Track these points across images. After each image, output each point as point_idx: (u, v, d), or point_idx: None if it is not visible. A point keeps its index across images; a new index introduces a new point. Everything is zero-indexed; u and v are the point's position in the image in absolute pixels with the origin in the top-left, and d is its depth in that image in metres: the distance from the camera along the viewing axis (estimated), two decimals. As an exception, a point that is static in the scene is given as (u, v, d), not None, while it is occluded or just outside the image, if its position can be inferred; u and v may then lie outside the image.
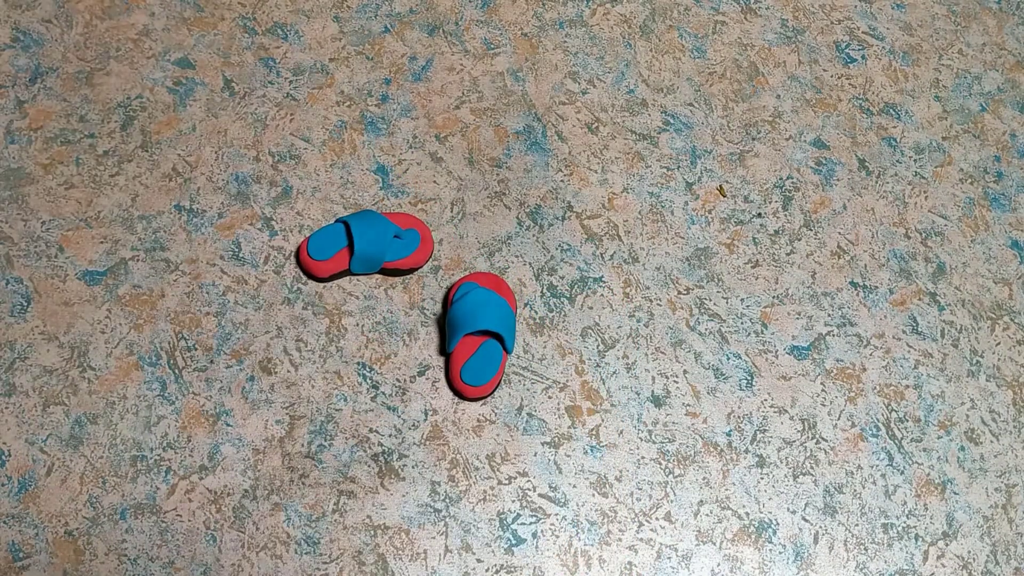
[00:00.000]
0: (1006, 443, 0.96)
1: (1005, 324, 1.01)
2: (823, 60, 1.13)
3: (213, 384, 0.93)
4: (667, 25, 1.14)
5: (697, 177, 1.06)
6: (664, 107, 1.10)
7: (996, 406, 0.98)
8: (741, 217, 1.05)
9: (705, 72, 1.12)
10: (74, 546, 0.87)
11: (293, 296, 0.98)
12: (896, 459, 0.95)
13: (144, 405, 0.92)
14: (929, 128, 1.10)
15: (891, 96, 1.12)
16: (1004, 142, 1.10)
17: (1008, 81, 1.13)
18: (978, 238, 1.05)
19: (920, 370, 0.99)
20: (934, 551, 0.91)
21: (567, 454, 0.93)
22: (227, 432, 0.92)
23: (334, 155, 1.05)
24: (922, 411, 0.97)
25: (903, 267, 1.03)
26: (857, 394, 0.97)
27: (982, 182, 1.08)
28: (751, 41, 1.14)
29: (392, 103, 1.08)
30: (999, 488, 0.94)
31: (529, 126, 1.08)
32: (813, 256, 1.03)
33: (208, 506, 0.89)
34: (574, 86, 1.10)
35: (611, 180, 1.06)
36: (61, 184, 1.01)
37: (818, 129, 1.09)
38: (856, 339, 1.00)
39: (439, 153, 1.06)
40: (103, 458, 0.90)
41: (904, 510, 0.93)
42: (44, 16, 1.11)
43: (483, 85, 1.10)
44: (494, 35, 1.13)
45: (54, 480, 0.89)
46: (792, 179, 1.07)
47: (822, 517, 0.92)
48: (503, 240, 1.02)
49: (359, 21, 1.13)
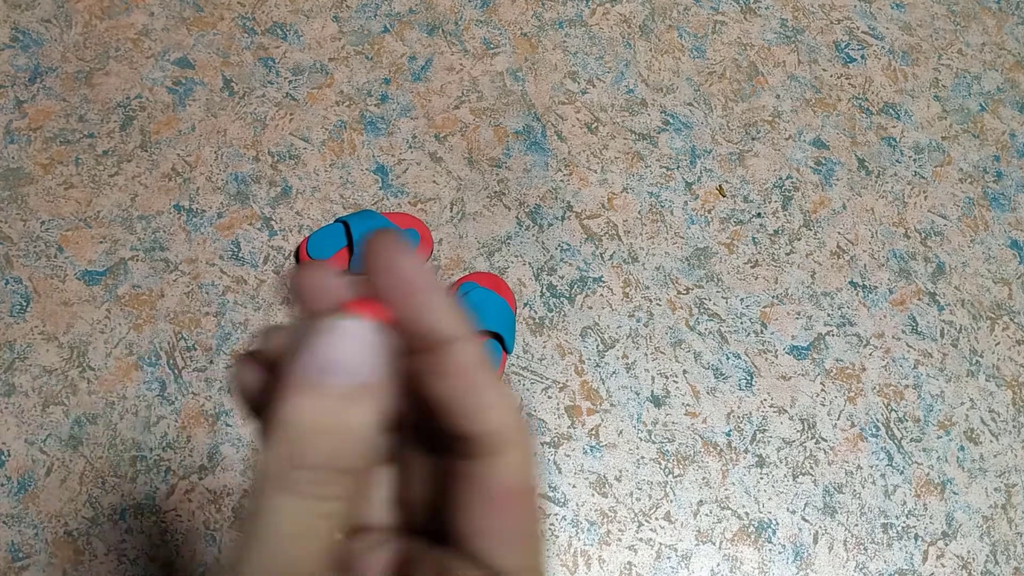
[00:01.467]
0: (1005, 443, 0.96)
1: (1004, 324, 1.01)
2: (823, 60, 1.13)
3: (213, 384, 0.93)
4: (667, 25, 1.14)
5: (697, 177, 1.06)
6: (664, 107, 1.09)
7: (996, 406, 0.98)
8: (741, 217, 1.05)
9: (705, 72, 1.12)
10: (74, 546, 0.87)
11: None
12: (896, 459, 0.95)
13: (144, 405, 0.92)
14: (929, 128, 1.10)
15: (890, 96, 1.12)
16: (1004, 142, 1.10)
17: (1007, 81, 1.13)
18: (978, 238, 1.05)
19: (920, 370, 0.99)
20: (934, 551, 0.91)
21: (567, 454, 0.93)
22: (227, 432, 0.92)
23: (333, 155, 1.05)
24: (922, 411, 0.97)
25: (903, 267, 1.03)
26: (857, 394, 0.97)
27: (982, 182, 1.08)
28: (751, 41, 1.14)
29: (391, 103, 1.08)
30: (999, 488, 0.94)
31: (529, 126, 1.08)
32: (813, 256, 1.03)
33: (208, 506, 0.89)
34: (574, 86, 1.10)
35: (611, 180, 1.05)
36: (60, 184, 1.01)
37: (818, 129, 1.09)
38: (856, 339, 1.00)
39: (439, 153, 1.06)
40: (103, 458, 0.90)
41: (904, 510, 0.93)
42: (43, 16, 1.11)
43: (483, 85, 1.10)
44: (493, 35, 1.13)
45: (54, 480, 0.89)
46: (791, 179, 1.07)
47: (822, 517, 0.92)
48: (503, 240, 1.02)
49: (359, 21, 1.13)
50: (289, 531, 0.23)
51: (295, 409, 0.23)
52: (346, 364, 0.24)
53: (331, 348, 0.24)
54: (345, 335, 0.25)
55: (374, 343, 0.25)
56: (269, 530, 0.23)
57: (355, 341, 0.25)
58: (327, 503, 0.23)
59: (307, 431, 0.23)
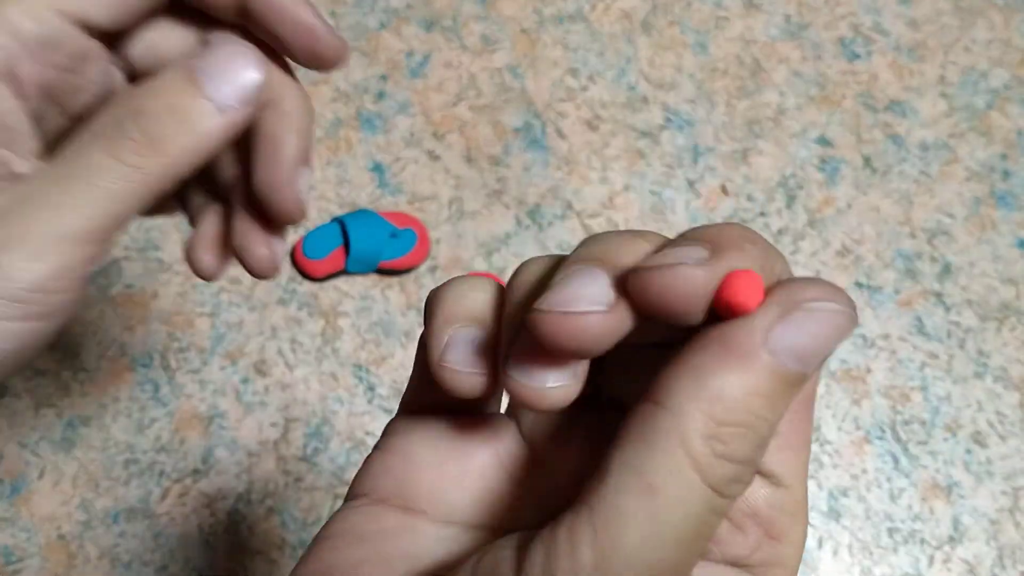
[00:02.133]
0: (1013, 446, 0.95)
1: (1012, 325, 1.00)
2: (827, 56, 1.11)
3: (207, 386, 0.92)
4: (668, 20, 1.13)
5: (699, 175, 1.05)
6: (665, 104, 1.08)
7: (1003, 408, 0.96)
8: (744, 216, 1.03)
9: (707, 68, 1.10)
10: (67, 550, 0.86)
11: (288, 296, 0.96)
12: (902, 462, 0.93)
13: (137, 407, 0.91)
14: (935, 125, 1.09)
15: (896, 93, 1.10)
16: (1011, 140, 1.08)
17: (1015, 78, 1.12)
18: (984, 237, 1.03)
19: (926, 371, 0.97)
20: (940, 555, 0.90)
21: (567, 457, 0.92)
22: (221, 435, 0.90)
23: (330, 153, 1.04)
24: (928, 413, 0.96)
25: (909, 267, 1.01)
26: (862, 396, 0.96)
27: (989, 180, 1.06)
28: (754, 37, 1.12)
29: (389, 100, 1.07)
30: (1006, 491, 0.93)
31: (528, 123, 1.06)
32: (817, 255, 1.02)
33: (202, 510, 0.88)
34: (574, 83, 1.09)
35: (612, 178, 1.04)
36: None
37: (822, 126, 1.08)
38: (861, 340, 0.98)
39: (436, 151, 1.05)
40: (95, 461, 0.89)
41: (910, 514, 0.91)
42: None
43: (481, 81, 1.08)
44: (493, 31, 1.11)
45: (46, 483, 0.88)
46: (796, 177, 1.05)
47: (826, 521, 0.91)
48: (502, 239, 1.01)
49: (355, 16, 1.11)
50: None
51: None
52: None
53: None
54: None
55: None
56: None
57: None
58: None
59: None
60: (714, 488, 0.19)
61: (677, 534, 0.18)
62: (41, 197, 0.28)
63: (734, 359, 0.19)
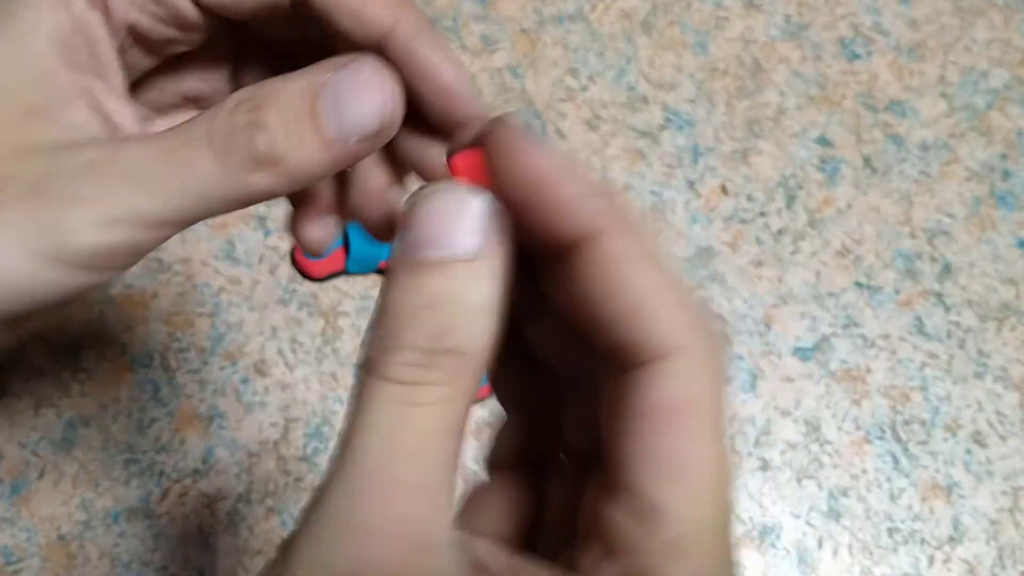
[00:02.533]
0: (1013, 446, 0.95)
1: (1012, 325, 1.00)
2: (827, 56, 1.12)
3: (207, 386, 0.92)
4: (668, 20, 1.13)
5: (699, 175, 1.05)
6: (665, 104, 1.08)
7: (1003, 408, 0.96)
8: (744, 216, 1.03)
9: (707, 68, 1.10)
10: (67, 550, 0.86)
11: (288, 296, 0.96)
12: (902, 462, 0.93)
13: (137, 407, 0.91)
14: (935, 125, 1.09)
15: (896, 93, 1.10)
16: (1011, 140, 1.09)
17: (1015, 78, 1.12)
18: (984, 237, 1.03)
19: (926, 371, 0.97)
20: (940, 555, 0.90)
21: (567, 457, 0.92)
22: (221, 435, 0.90)
23: (330, 153, 1.04)
24: (928, 413, 0.96)
25: (909, 267, 1.02)
26: (862, 396, 0.96)
27: (989, 180, 1.06)
28: (754, 37, 1.12)
29: (389, 100, 1.07)
30: (1006, 492, 0.93)
31: (528, 123, 1.06)
32: (817, 256, 1.02)
33: (202, 510, 0.88)
34: (574, 82, 1.09)
35: (612, 178, 1.04)
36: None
37: (822, 126, 1.08)
38: (861, 340, 0.98)
39: (437, 151, 1.05)
40: (96, 461, 0.89)
41: (910, 514, 0.92)
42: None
43: (481, 81, 1.08)
44: (492, 31, 1.11)
45: (46, 483, 0.88)
46: (796, 177, 1.05)
47: (826, 521, 0.91)
48: (502, 239, 1.01)
49: (356, 17, 1.11)
50: (386, 430, 0.21)
51: (392, 287, 0.21)
52: (446, 237, 0.22)
53: (429, 220, 0.22)
54: (445, 203, 0.22)
55: (482, 213, 0.22)
56: (367, 430, 0.21)
57: (457, 210, 0.22)
58: (426, 390, 0.21)
59: (406, 310, 0.21)
60: None
61: None
62: (135, 169, 0.27)
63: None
